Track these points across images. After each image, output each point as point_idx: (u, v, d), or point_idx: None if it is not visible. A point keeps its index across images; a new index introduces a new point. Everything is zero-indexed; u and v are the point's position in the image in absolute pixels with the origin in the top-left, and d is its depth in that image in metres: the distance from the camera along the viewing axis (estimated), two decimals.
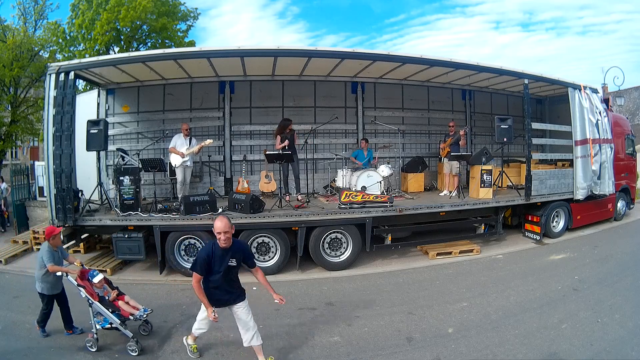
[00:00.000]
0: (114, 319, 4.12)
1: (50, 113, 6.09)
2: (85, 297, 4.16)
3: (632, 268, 6.42)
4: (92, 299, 4.17)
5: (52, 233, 4.34)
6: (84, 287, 4.23)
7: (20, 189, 10.58)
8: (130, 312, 4.27)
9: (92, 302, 4.15)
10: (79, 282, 4.24)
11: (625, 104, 22.03)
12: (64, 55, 14.10)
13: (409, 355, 3.99)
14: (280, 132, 7.39)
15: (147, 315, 4.37)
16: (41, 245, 4.44)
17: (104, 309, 4.16)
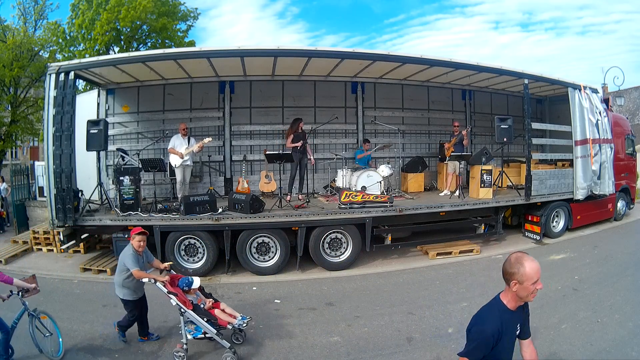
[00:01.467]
0: (210, 329, 3.82)
1: (50, 113, 6.09)
2: (176, 305, 3.84)
3: (632, 268, 6.42)
4: (185, 307, 3.85)
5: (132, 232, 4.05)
6: (176, 294, 3.91)
7: (20, 189, 10.57)
8: (228, 320, 3.99)
9: (184, 311, 3.84)
10: (169, 290, 3.90)
11: (625, 104, 22.03)
12: (64, 55, 14.10)
13: (409, 355, 3.99)
14: (294, 131, 7.44)
15: (247, 323, 4.10)
16: (124, 248, 4.09)
17: (199, 318, 3.85)
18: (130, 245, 4.02)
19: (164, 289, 3.89)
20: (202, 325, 3.85)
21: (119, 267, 4.06)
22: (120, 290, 4.08)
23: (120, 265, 4.03)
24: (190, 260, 6.45)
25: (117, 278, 4.07)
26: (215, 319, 3.96)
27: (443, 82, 9.53)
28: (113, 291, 5.74)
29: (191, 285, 4.10)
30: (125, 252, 4.01)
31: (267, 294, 5.70)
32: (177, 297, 3.89)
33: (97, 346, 4.20)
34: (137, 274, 3.89)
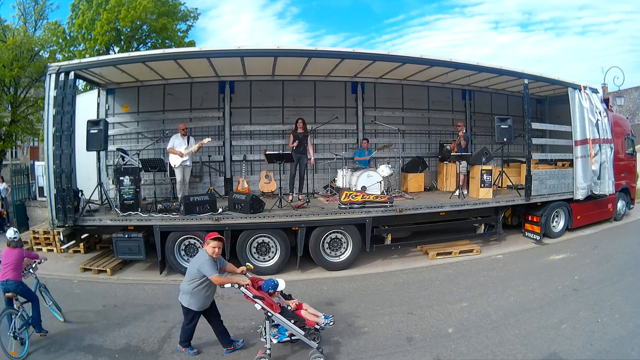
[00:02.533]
0: (298, 331, 3.76)
1: (50, 113, 6.09)
2: (261, 309, 3.73)
3: (632, 268, 6.42)
4: (273, 310, 3.74)
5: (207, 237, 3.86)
6: (262, 298, 3.78)
7: (20, 189, 10.57)
8: (315, 321, 3.90)
9: (271, 314, 3.73)
10: (255, 294, 3.78)
11: (625, 104, 22.03)
12: (64, 55, 14.10)
13: (409, 356, 3.99)
14: (293, 131, 7.53)
15: (332, 322, 4.02)
16: (198, 255, 3.92)
17: (286, 320, 3.77)
18: (204, 251, 3.84)
19: (249, 293, 3.76)
20: (290, 328, 3.78)
21: (189, 275, 3.82)
22: (187, 298, 3.83)
23: (192, 272, 3.80)
24: (190, 260, 6.43)
25: (187, 286, 3.82)
26: (303, 320, 3.88)
27: (443, 82, 9.53)
28: (113, 291, 5.81)
29: (276, 288, 4.02)
30: (199, 258, 3.82)
31: None
32: (263, 300, 3.75)
33: (97, 346, 4.20)
34: (218, 280, 3.70)
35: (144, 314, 5.04)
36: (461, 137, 8.31)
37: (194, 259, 3.93)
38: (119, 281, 6.32)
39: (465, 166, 8.25)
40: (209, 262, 3.74)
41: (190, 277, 3.81)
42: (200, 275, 3.73)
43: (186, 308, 3.88)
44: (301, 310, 4.01)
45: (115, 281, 6.32)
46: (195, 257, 3.93)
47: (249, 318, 4.89)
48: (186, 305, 3.86)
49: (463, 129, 8.53)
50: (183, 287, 3.88)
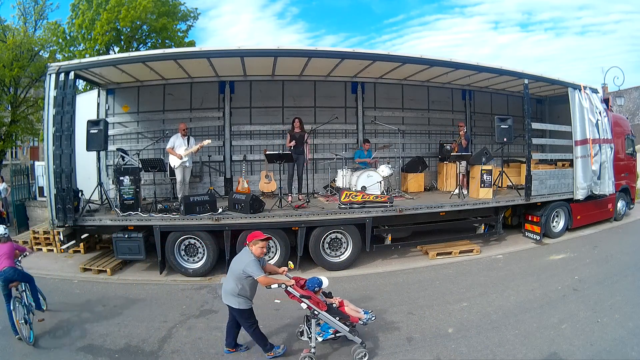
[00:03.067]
0: (343, 327, 3.80)
1: (50, 113, 6.09)
2: (307, 308, 3.76)
3: (632, 268, 6.42)
4: (319, 308, 3.76)
5: (253, 237, 3.81)
6: (309, 297, 3.79)
7: (20, 189, 10.57)
8: (358, 317, 3.93)
9: (318, 312, 3.74)
10: (301, 293, 3.79)
11: (625, 104, 22.02)
12: (64, 55, 14.10)
13: (409, 355, 3.99)
14: (290, 131, 7.53)
15: (374, 318, 4.06)
16: (241, 255, 3.85)
17: (332, 318, 3.79)
18: (249, 251, 3.79)
19: (296, 293, 3.76)
20: (335, 325, 3.80)
21: (233, 275, 3.76)
22: (234, 300, 3.77)
23: (237, 273, 3.73)
24: (190, 260, 6.45)
25: (232, 287, 3.75)
26: (347, 316, 3.90)
27: (443, 82, 9.53)
28: (113, 291, 5.81)
29: (321, 285, 4.01)
30: (244, 259, 3.75)
31: (267, 294, 5.62)
32: (310, 299, 3.77)
33: (97, 346, 4.20)
34: (265, 281, 3.68)
35: (144, 314, 5.04)
36: (462, 136, 8.31)
37: (237, 259, 3.86)
38: (119, 281, 6.33)
39: (465, 166, 8.25)
40: (254, 262, 3.71)
41: (235, 278, 3.75)
42: (245, 275, 3.70)
43: (238, 310, 3.80)
44: (344, 307, 4.02)
45: (115, 281, 6.32)
46: (238, 258, 3.86)
47: None
48: (236, 306, 3.79)
49: (464, 129, 8.53)
50: (228, 289, 3.80)
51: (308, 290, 3.92)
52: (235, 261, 3.84)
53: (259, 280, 3.67)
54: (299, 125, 7.50)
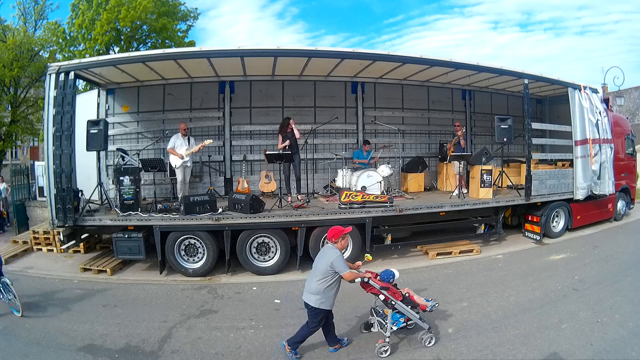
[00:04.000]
0: (414, 315, 4.03)
1: (50, 113, 6.09)
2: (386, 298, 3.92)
3: (632, 268, 6.42)
4: (396, 298, 3.95)
5: (342, 232, 3.79)
6: (387, 288, 3.98)
7: (20, 189, 10.57)
8: (424, 305, 4.11)
9: (395, 303, 3.92)
10: (381, 285, 3.95)
11: (625, 104, 22.02)
12: (64, 55, 14.10)
13: (409, 355, 3.99)
14: (280, 131, 7.42)
15: (437, 305, 4.25)
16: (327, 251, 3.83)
17: (406, 307, 3.99)
18: (333, 247, 3.81)
19: (376, 285, 3.92)
20: (409, 313, 4.01)
21: (319, 272, 3.73)
22: (318, 299, 3.69)
23: (323, 270, 3.69)
24: (190, 260, 6.45)
25: (318, 286, 3.69)
26: (417, 305, 4.09)
27: (443, 82, 9.53)
28: (113, 291, 5.81)
29: (394, 277, 4.19)
30: (330, 254, 3.72)
31: (267, 294, 5.70)
32: (388, 291, 3.95)
33: (97, 346, 4.20)
34: (350, 276, 3.71)
35: (144, 314, 5.04)
36: (461, 136, 8.30)
37: (321, 256, 3.84)
38: (119, 281, 6.33)
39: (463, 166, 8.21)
40: (341, 258, 3.72)
41: (321, 274, 3.71)
42: (332, 272, 3.68)
43: (316, 309, 3.72)
44: (413, 296, 4.18)
45: (115, 281, 6.32)
46: (323, 254, 3.85)
47: (249, 318, 4.89)
48: (316, 305, 3.71)
49: (463, 129, 8.51)
50: (311, 287, 3.75)
51: (384, 282, 4.07)
52: (320, 259, 3.83)
53: (344, 276, 3.69)
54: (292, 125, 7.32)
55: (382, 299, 3.92)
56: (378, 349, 3.89)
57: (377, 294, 3.95)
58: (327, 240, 3.95)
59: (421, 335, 4.09)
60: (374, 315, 4.26)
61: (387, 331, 3.93)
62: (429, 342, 4.06)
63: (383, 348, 3.89)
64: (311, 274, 3.89)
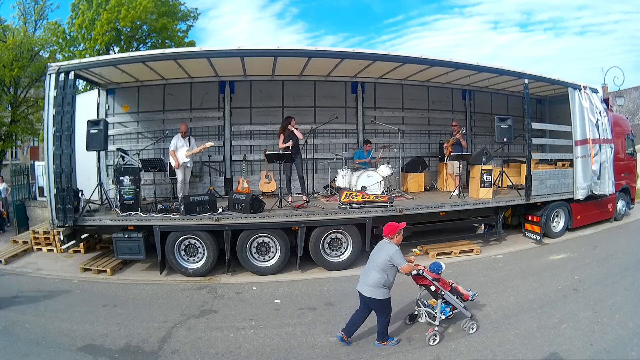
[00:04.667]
0: (459, 304, 4.26)
1: (50, 113, 6.09)
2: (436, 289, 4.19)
3: (632, 268, 6.42)
4: (445, 289, 4.21)
5: (397, 229, 4.00)
6: (438, 279, 4.25)
7: (20, 189, 10.57)
8: (467, 294, 4.37)
9: (444, 293, 4.18)
10: (433, 277, 4.22)
11: (625, 104, 22.02)
12: (64, 55, 14.11)
13: (409, 355, 3.99)
14: (282, 131, 7.40)
15: (477, 294, 4.53)
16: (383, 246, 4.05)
17: (453, 297, 4.24)
18: (389, 242, 4.04)
19: (429, 277, 4.18)
20: (455, 303, 4.26)
21: (378, 266, 3.92)
22: (379, 291, 3.91)
23: (382, 264, 3.90)
24: (190, 260, 6.45)
25: (377, 279, 3.89)
26: (461, 294, 4.35)
27: (443, 82, 9.53)
28: (113, 291, 5.81)
29: (442, 269, 4.45)
30: (388, 249, 3.93)
31: (267, 294, 5.70)
32: (438, 282, 4.20)
33: (97, 346, 4.20)
34: (407, 269, 3.96)
35: (144, 314, 5.04)
36: (460, 137, 8.28)
37: (379, 251, 4.03)
38: (119, 281, 6.33)
39: (459, 166, 8.20)
40: (399, 252, 3.94)
41: (380, 269, 3.90)
42: (390, 265, 3.89)
43: (382, 300, 3.94)
44: (458, 286, 4.41)
45: (115, 281, 6.32)
46: (380, 249, 4.05)
47: (249, 318, 4.89)
48: (381, 297, 3.93)
49: (462, 129, 8.48)
50: (371, 280, 3.94)
51: (434, 274, 4.31)
52: (377, 253, 4.01)
53: (402, 268, 3.93)
54: (293, 125, 7.33)
55: (433, 289, 4.17)
56: (428, 338, 4.12)
57: (429, 285, 4.20)
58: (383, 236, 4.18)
59: (464, 323, 4.31)
60: (420, 306, 4.46)
61: (437, 320, 4.17)
62: (472, 329, 4.29)
63: (433, 336, 4.11)
64: (367, 268, 4.08)
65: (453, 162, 8.23)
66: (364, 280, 4.03)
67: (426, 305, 4.43)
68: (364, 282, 4.02)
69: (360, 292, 4.02)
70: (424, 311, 4.40)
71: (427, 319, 4.38)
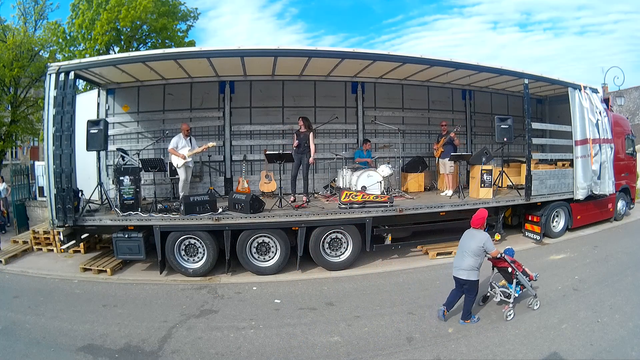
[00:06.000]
0: (527, 283, 4.79)
1: (50, 113, 6.09)
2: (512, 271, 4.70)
3: (632, 268, 6.42)
4: (519, 270, 4.72)
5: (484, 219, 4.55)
6: (514, 261, 4.76)
7: (20, 189, 10.58)
8: (532, 275, 4.89)
9: (518, 274, 4.70)
10: (511, 260, 4.72)
11: (625, 104, 22.00)
12: (64, 55, 14.10)
13: (409, 355, 3.99)
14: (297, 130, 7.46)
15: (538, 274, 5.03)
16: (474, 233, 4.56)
17: (525, 277, 4.77)
18: (480, 230, 4.55)
19: (508, 260, 4.70)
20: (525, 282, 4.78)
21: (472, 253, 4.42)
22: (474, 273, 4.45)
23: (476, 250, 4.42)
24: (190, 260, 6.45)
25: (472, 263, 4.42)
26: (528, 275, 4.86)
27: (443, 82, 9.53)
28: (113, 291, 5.81)
29: (514, 253, 4.95)
30: (480, 237, 4.47)
31: (267, 294, 5.70)
32: (515, 264, 4.72)
33: (97, 346, 4.20)
34: (496, 253, 4.54)
35: (144, 314, 5.04)
36: (453, 136, 8.21)
37: (470, 239, 4.53)
38: (119, 281, 6.33)
39: (451, 166, 8.19)
40: (490, 239, 4.50)
41: (474, 253, 4.44)
42: (482, 250, 4.45)
43: (473, 281, 4.47)
44: (526, 269, 4.89)
45: (116, 281, 6.32)
46: (471, 237, 4.54)
47: (249, 318, 4.89)
48: (474, 278, 4.46)
49: (455, 128, 8.40)
50: (465, 264, 4.46)
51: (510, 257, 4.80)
52: (470, 240, 4.52)
53: (492, 253, 4.50)
54: (302, 124, 7.34)
55: (510, 271, 4.71)
56: (505, 314, 4.65)
57: (506, 267, 4.73)
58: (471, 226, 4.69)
59: (529, 301, 4.91)
60: (494, 288, 5.02)
61: (511, 298, 4.71)
62: (536, 305, 4.89)
63: (509, 313, 4.66)
64: (459, 255, 4.60)
65: (445, 162, 8.22)
66: (459, 266, 4.54)
67: (499, 287, 4.96)
68: (459, 267, 4.53)
69: (457, 277, 4.55)
70: (499, 291, 4.93)
71: (502, 297, 4.90)
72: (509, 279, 4.81)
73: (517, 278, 4.72)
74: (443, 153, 8.33)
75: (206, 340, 4.33)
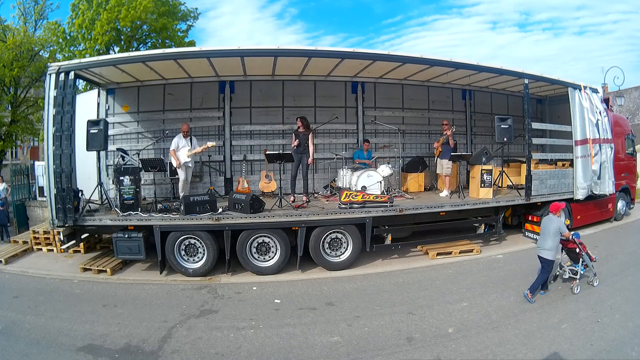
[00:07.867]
0: (590, 263, 5.52)
1: (50, 113, 6.09)
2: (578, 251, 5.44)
3: (632, 268, 6.42)
4: (584, 250, 5.45)
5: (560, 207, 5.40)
6: (581, 243, 5.45)
7: (20, 189, 10.58)
8: (593, 256, 5.60)
9: (583, 254, 5.43)
10: (579, 242, 5.43)
11: (625, 104, 22.01)
12: (64, 55, 14.10)
13: (409, 355, 3.99)
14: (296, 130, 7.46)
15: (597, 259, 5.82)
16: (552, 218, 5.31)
17: (588, 258, 5.48)
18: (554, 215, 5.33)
19: (577, 242, 5.44)
20: (588, 262, 5.50)
21: (552, 235, 5.18)
22: (551, 253, 5.21)
23: (554, 232, 5.17)
24: (191, 260, 6.45)
25: (552, 243, 5.19)
26: (590, 256, 5.55)
27: (443, 82, 9.53)
28: (113, 291, 5.81)
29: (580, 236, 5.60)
30: (557, 221, 5.25)
31: (267, 294, 5.70)
32: (581, 245, 5.45)
33: (97, 346, 4.20)
34: (568, 235, 5.30)
35: (144, 314, 5.04)
36: (449, 136, 8.22)
37: (550, 223, 5.27)
38: (119, 281, 6.33)
39: (448, 167, 8.18)
40: (564, 223, 5.52)
41: (553, 235, 5.19)
42: (560, 232, 5.20)
43: (551, 260, 5.25)
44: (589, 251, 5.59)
45: (116, 281, 6.32)
46: (550, 221, 5.29)
47: (249, 318, 4.89)
48: (551, 258, 5.23)
49: (452, 128, 8.38)
50: (547, 245, 5.22)
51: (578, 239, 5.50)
52: (550, 225, 5.26)
53: (565, 234, 5.27)
54: (301, 124, 7.34)
55: (577, 251, 5.45)
56: (573, 289, 5.39)
57: (574, 248, 5.48)
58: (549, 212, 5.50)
59: (590, 279, 5.61)
60: (562, 267, 5.77)
61: (578, 274, 5.46)
62: (596, 282, 5.58)
63: (576, 287, 5.39)
64: (543, 237, 5.35)
65: (442, 162, 8.22)
66: (542, 247, 5.29)
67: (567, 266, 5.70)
68: (542, 248, 5.28)
69: (542, 256, 5.28)
70: (568, 269, 5.65)
71: (570, 274, 5.61)
72: (576, 260, 5.54)
73: (583, 258, 5.41)
74: (441, 153, 8.33)
75: (206, 340, 4.33)
